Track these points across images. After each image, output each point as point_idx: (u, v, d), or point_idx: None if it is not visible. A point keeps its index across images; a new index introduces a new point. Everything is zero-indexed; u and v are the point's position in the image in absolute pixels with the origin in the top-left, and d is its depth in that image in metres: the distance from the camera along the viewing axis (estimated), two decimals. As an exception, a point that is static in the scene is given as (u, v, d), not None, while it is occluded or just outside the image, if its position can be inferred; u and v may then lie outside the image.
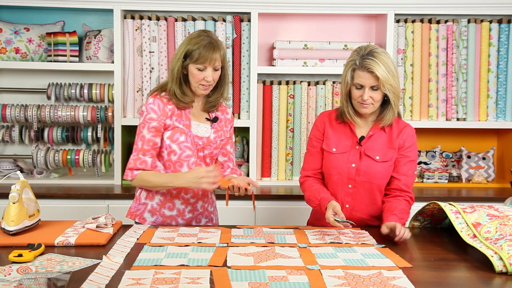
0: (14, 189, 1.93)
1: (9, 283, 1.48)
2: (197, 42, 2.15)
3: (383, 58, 2.12)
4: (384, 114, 2.21)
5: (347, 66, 2.18)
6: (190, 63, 2.16)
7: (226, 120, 2.37)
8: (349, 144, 2.24)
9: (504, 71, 3.36)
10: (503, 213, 1.91)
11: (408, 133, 2.25)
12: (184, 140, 2.21)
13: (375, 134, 2.23)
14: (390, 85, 2.12)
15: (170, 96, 2.22)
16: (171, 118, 2.21)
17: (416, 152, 2.27)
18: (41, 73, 3.49)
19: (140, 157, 2.19)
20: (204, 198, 2.33)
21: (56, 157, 3.34)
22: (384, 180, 2.23)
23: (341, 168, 2.23)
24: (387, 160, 2.21)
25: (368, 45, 2.20)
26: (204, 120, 2.29)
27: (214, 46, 2.15)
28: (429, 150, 3.54)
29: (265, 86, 3.38)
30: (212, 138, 2.28)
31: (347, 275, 1.59)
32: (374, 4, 3.27)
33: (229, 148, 2.38)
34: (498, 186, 3.41)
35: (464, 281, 1.63)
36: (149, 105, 2.21)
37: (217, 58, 2.15)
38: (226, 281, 1.53)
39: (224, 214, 3.07)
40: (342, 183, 2.24)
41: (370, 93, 2.13)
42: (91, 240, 1.90)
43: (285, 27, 3.53)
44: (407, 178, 2.22)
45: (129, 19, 3.27)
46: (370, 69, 2.10)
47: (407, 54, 3.34)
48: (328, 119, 2.31)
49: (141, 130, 2.20)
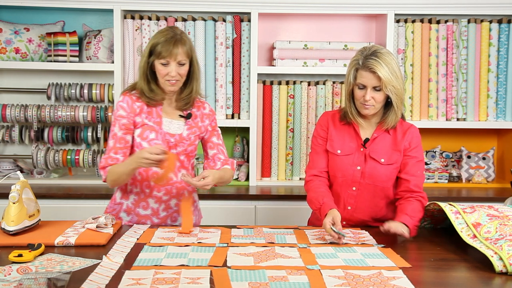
0: (14, 189, 1.93)
1: (9, 283, 1.48)
2: (161, 37, 2.15)
3: (386, 59, 2.09)
4: (387, 116, 2.18)
5: (351, 66, 2.17)
6: (155, 59, 2.15)
7: (203, 115, 2.32)
8: (353, 146, 2.22)
9: (504, 71, 3.36)
10: (503, 213, 1.91)
11: (413, 134, 2.22)
12: (154, 138, 2.20)
13: (379, 136, 2.21)
14: (393, 86, 2.09)
15: (140, 94, 2.21)
16: (140, 115, 2.21)
17: (422, 152, 2.25)
18: (41, 73, 3.49)
19: (112, 155, 2.18)
20: (180, 197, 2.29)
21: (56, 157, 3.34)
22: (388, 183, 2.21)
23: (346, 170, 2.21)
24: (392, 163, 2.19)
25: (373, 45, 2.18)
26: (177, 117, 2.26)
27: (176, 40, 2.13)
28: (429, 150, 3.54)
29: (265, 86, 3.38)
30: (185, 135, 2.25)
31: (347, 275, 1.59)
32: (374, 4, 3.27)
33: (215, 140, 2.35)
34: (498, 186, 3.42)
35: (464, 281, 1.63)
36: (119, 103, 2.21)
37: (179, 52, 2.13)
38: (226, 281, 1.53)
39: (225, 214, 3.07)
40: (346, 185, 2.22)
41: (372, 94, 2.11)
42: (91, 240, 1.90)
43: (285, 27, 3.53)
44: (417, 179, 2.19)
45: (129, 19, 3.27)
46: (373, 69, 2.07)
47: (407, 54, 3.34)
48: (332, 119, 2.29)
49: (113, 128, 2.20)
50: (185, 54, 2.16)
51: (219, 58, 3.30)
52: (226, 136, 3.58)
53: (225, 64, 3.31)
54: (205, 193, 3.11)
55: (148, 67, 2.18)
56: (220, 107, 3.33)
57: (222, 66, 3.31)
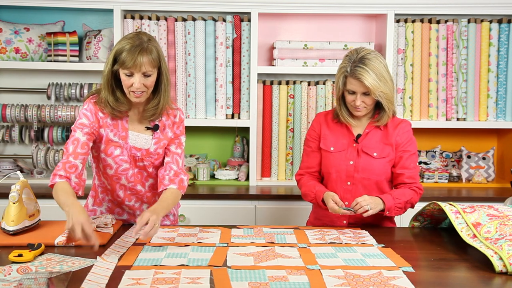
0: (14, 189, 1.93)
1: (9, 283, 1.48)
2: (126, 44, 1.95)
3: (374, 65, 2.14)
4: (379, 117, 2.26)
5: (339, 72, 2.23)
6: (119, 67, 1.97)
7: (174, 124, 2.16)
8: (346, 142, 2.28)
9: (504, 71, 3.36)
10: (503, 213, 1.91)
11: (404, 129, 2.28)
12: (119, 154, 2.08)
13: (371, 131, 2.27)
14: (382, 91, 2.15)
15: (104, 105, 2.04)
16: (104, 128, 2.07)
17: (414, 145, 2.31)
18: (41, 73, 3.49)
19: (71, 161, 1.98)
20: (153, 199, 2.23)
21: (56, 157, 3.34)
22: (382, 177, 2.26)
23: (339, 166, 2.26)
24: (384, 156, 2.25)
25: (360, 49, 2.21)
26: (144, 130, 2.11)
27: (141, 49, 1.93)
28: (429, 150, 3.53)
29: (265, 86, 3.38)
30: (152, 150, 2.12)
31: (347, 275, 1.59)
32: (374, 4, 3.27)
33: (173, 148, 2.16)
34: (498, 186, 3.41)
35: (464, 281, 1.63)
36: (82, 110, 2.06)
37: (143, 62, 1.93)
38: (226, 281, 1.53)
39: (225, 214, 3.07)
40: (341, 180, 2.27)
41: (363, 98, 2.18)
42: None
43: (285, 27, 3.53)
44: (410, 171, 2.25)
45: (129, 19, 3.27)
46: (360, 78, 2.13)
47: (407, 54, 3.34)
48: (325, 120, 2.35)
49: (74, 134, 2.03)
50: (151, 64, 1.96)
51: (219, 58, 3.30)
52: (226, 136, 3.58)
53: (225, 64, 3.31)
54: (205, 193, 3.11)
55: (112, 75, 2.00)
56: (220, 107, 3.33)
57: (222, 66, 3.31)
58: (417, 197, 2.25)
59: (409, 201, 2.21)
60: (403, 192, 2.21)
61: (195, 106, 3.33)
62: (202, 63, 3.29)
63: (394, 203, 2.16)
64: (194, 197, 3.08)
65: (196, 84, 3.31)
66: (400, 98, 3.35)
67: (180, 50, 3.29)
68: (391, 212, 2.16)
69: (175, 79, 3.30)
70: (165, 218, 2.31)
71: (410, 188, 2.23)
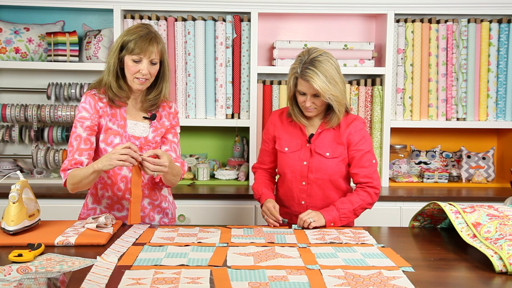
0: (14, 189, 1.93)
1: (9, 283, 1.48)
2: (134, 33, 2.07)
3: (324, 67, 2.14)
4: (329, 118, 2.27)
5: (290, 73, 2.24)
6: (126, 54, 2.07)
7: (170, 114, 2.26)
8: (300, 142, 2.32)
9: (504, 71, 3.36)
10: (503, 213, 1.91)
11: (356, 128, 2.29)
12: (119, 142, 2.13)
13: (323, 131, 2.30)
14: (331, 94, 2.16)
15: (106, 89, 2.12)
16: (104, 117, 2.13)
17: (368, 143, 2.31)
18: (41, 73, 3.49)
19: (76, 158, 2.08)
20: (154, 196, 2.27)
21: (56, 157, 3.34)
22: (336, 176, 2.29)
23: (294, 166, 2.31)
24: (337, 156, 2.28)
25: (312, 49, 2.21)
26: (142, 119, 2.20)
27: (151, 38, 2.07)
28: (429, 150, 3.53)
29: (265, 86, 3.38)
30: (150, 137, 2.20)
31: (347, 275, 1.59)
32: (374, 4, 3.27)
33: (170, 137, 2.26)
34: (498, 186, 3.41)
35: (464, 281, 1.63)
36: (81, 104, 2.13)
37: (153, 50, 2.06)
38: (226, 281, 1.53)
39: (224, 214, 3.07)
40: (296, 180, 2.32)
41: (313, 100, 2.20)
42: (91, 240, 1.90)
43: (285, 27, 3.53)
44: (366, 169, 2.27)
45: (129, 19, 3.27)
46: (309, 81, 2.14)
47: (407, 54, 3.34)
48: (279, 119, 2.39)
49: (75, 130, 2.11)
50: (159, 53, 2.10)
51: (219, 58, 3.30)
52: (226, 136, 3.58)
53: (225, 64, 3.31)
54: (205, 193, 3.11)
55: (118, 63, 2.10)
56: (220, 107, 3.33)
57: (222, 66, 3.31)
58: (372, 198, 2.27)
59: (360, 206, 2.24)
60: (351, 200, 2.23)
61: (195, 106, 3.33)
62: (202, 63, 3.30)
63: (339, 214, 2.19)
64: (194, 197, 3.08)
65: (196, 84, 3.32)
66: (400, 98, 3.35)
67: (180, 50, 3.29)
68: (336, 223, 2.19)
69: (175, 79, 3.30)
70: (163, 216, 2.33)
71: (364, 190, 2.26)
